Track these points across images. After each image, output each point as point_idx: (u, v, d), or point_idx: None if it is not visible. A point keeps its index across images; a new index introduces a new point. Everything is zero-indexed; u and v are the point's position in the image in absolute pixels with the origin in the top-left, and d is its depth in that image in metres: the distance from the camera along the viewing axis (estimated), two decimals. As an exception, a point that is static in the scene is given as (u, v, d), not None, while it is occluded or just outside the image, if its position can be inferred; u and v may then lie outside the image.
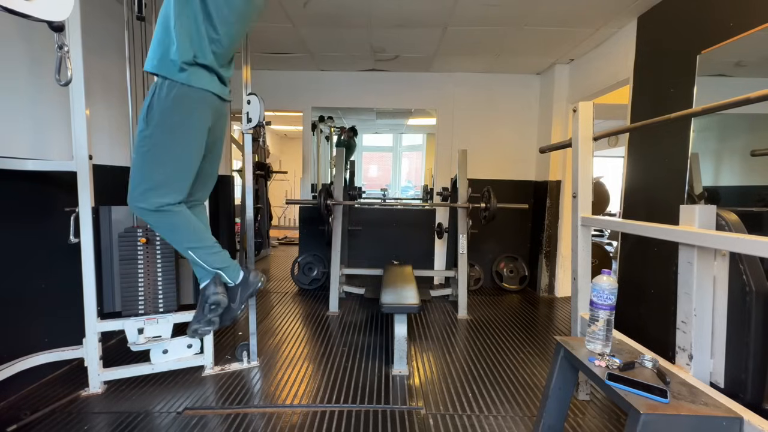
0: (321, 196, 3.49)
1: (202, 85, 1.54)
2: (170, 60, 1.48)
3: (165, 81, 1.50)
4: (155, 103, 1.49)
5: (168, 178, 1.52)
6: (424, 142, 9.31)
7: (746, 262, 1.34)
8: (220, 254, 1.65)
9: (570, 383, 1.60)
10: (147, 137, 1.50)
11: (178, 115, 1.51)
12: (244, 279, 1.71)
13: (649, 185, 2.73)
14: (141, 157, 1.51)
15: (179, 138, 1.52)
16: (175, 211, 1.53)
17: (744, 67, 2.25)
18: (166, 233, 1.60)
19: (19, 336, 2.14)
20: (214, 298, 1.62)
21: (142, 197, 1.50)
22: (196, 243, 1.59)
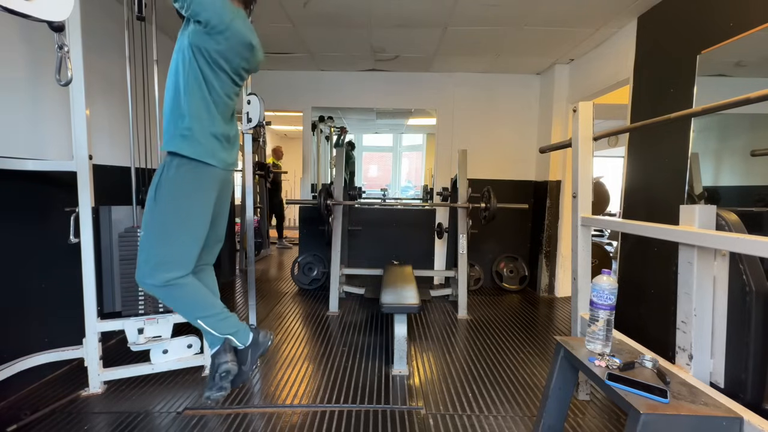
0: (321, 196, 3.49)
1: (210, 161, 1.57)
2: (180, 135, 1.52)
3: (173, 160, 1.52)
4: (164, 181, 1.51)
5: (176, 254, 1.53)
6: (424, 142, 9.31)
7: (746, 262, 1.34)
8: (229, 319, 1.64)
9: (570, 383, 1.60)
10: (155, 216, 1.52)
11: (187, 194, 1.54)
12: (254, 340, 1.70)
13: (649, 185, 2.73)
14: (149, 235, 1.53)
15: (187, 215, 1.54)
16: (182, 284, 1.54)
17: (744, 67, 2.25)
18: (175, 305, 1.61)
19: (19, 336, 2.14)
20: (225, 367, 1.63)
21: (150, 274, 1.51)
22: (204, 312, 1.59)
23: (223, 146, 1.62)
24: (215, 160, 1.58)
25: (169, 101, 1.55)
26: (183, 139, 1.52)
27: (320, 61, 4.29)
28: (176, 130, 1.52)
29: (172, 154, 1.54)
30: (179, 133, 1.52)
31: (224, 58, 1.53)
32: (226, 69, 1.56)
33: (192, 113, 1.52)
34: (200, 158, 1.54)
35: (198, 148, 1.53)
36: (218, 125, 1.59)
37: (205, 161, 1.55)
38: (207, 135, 1.55)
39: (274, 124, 8.12)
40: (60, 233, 2.13)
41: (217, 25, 1.46)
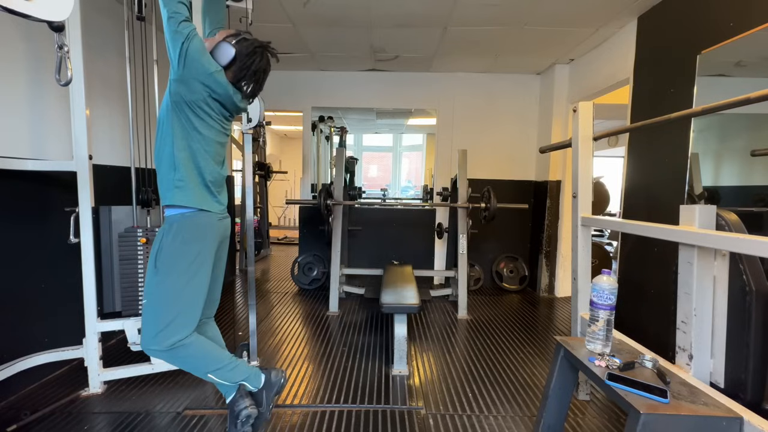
0: (321, 196, 3.49)
1: (205, 207, 1.58)
2: (175, 187, 1.53)
3: (172, 225, 1.53)
4: (164, 248, 1.51)
5: (179, 316, 1.53)
6: (424, 142, 9.30)
7: (746, 262, 1.34)
8: (239, 367, 1.64)
9: (570, 383, 1.60)
10: (158, 284, 1.52)
11: (188, 255, 1.54)
12: (267, 381, 1.70)
13: (649, 185, 2.73)
14: (152, 303, 1.52)
15: (189, 277, 1.54)
16: (188, 344, 1.54)
17: (744, 67, 2.25)
18: (183, 365, 1.61)
19: (19, 336, 2.14)
20: (245, 413, 1.62)
21: (155, 341, 1.51)
22: (213, 366, 1.59)
23: (213, 195, 1.64)
24: (209, 207, 1.60)
25: (161, 153, 1.55)
26: (178, 190, 1.53)
27: (320, 61, 4.29)
28: (170, 182, 1.54)
29: (169, 220, 1.55)
30: (173, 185, 1.53)
31: (205, 103, 1.53)
32: (211, 114, 1.56)
33: (184, 164, 1.53)
34: (196, 206, 1.55)
35: (192, 198, 1.55)
36: (209, 172, 1.60)
37: (202, 208, 1.57)
38: (199, 184, 1.57)
39: (274, 124, 8.12)
40: (60, 233, 2.13)
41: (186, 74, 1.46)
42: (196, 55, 1.46)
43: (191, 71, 1.46)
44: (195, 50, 1.45)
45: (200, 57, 1.47)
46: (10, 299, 2.09)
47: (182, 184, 1.53)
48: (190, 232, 1.54)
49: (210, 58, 1.52)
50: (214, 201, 1.63)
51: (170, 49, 1.45)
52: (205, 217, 1.58)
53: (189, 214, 1.55)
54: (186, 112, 1.51)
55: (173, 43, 1.44)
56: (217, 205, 1.64)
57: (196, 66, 1.46)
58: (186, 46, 1.43)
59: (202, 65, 1.47)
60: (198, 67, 1.46)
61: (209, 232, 1.60)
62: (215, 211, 1.63)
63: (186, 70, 1.45)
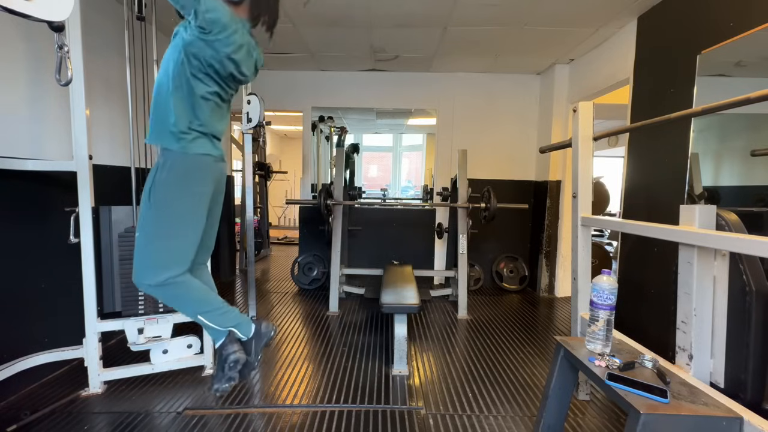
0: (321, 196, 3.49)
1: (201, 151, 1.56)
2: (168, 131, 1.51)
3: (167, 160, 1.52)
4: (158, 183, 1.51)
5: (172, 253, 1.53)
6: (424, 142, 9.29)
7: (746, 262, 1.34)
8: (230, 313, 1.66)
9: (570, 383, 1.60)
10: (150, 217, 1.52)
11: (181, 192, 1.53)
12: (257, 331, 1.72)
13: (649, 185, 2.73)
14: (145, 237, 1.53)
15: (182, 214, 1.54)
16: (180, 282, 1.55)
17: (744, 67, 2.25)
18: (174, 303, 1.61)
19: (19, 336, 2.14)
20: (233, 357, 1.63)
21: (146, 275, 1.51)
22: (204, 308, 1.60)
23: (212, 142, 1.62)
24: (206, 150, 1.58)
25: (158, 96, 1.53)
26: (171, 135, 1.51)
27: (320, 61, 4.29)
28: (164, 126, 1.51)
29: (164, 153, 1.53)
30: (167, 129, 1.51)
31: (219, 62, 1.51)
32: (220, 72, 1.54)
33: (179, 112, 1.50)
34: (191, 151, 1.53)
35: (186, 144, 1.52)
36: (206, 124, 1.57)
37: (197, 152, 1.54)
38: (194, 133, 1.55)
39: (274, 124, 8.12)
40: (60, 233, 2.13)
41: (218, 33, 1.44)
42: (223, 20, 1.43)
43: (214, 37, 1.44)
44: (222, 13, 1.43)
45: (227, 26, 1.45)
46: (10, 299, 2.09)
47: (175, 130, 1.51)
48: (184, 168, 1.53)
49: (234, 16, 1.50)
50: (211, 146, 1.61)
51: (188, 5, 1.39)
52: (199, 158, 1.56)
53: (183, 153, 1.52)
54: (195, 64, 1.49)
55: None
56: (213, 150, 1.62)
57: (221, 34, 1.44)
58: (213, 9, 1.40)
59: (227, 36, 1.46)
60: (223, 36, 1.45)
61: (205, 171, 1.58)
62: (212, 154, 1.60)
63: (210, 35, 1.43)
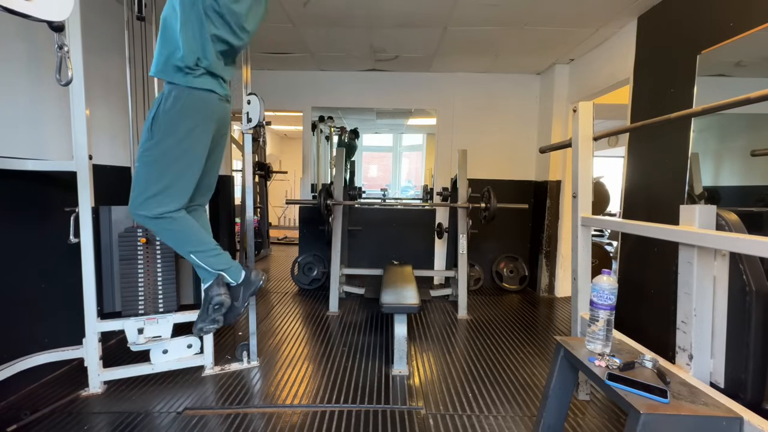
0: (321, 196, 3.49)
1: (206, 86, 1.56)
2: (174, 65, 1.50)
3: (171, 92, 1.51)
4: (161, 114, 1.51)
5: (169, 187, 1.54)
6: (424, 142, 9.29)
7: (746, 262, 1.34)
8: (222, 256, 1.68)
9: (570, 383, 1.60)
10: (151, 148, 1.52)
11: (183, 125, 1.53)
12: (246, 278, 1.74)
13: (649, 185, 2.73)
14: (144, 167, 1.53)
15: (183, 147, 1.54)
16: (175, 218, 1.56)
17: (744, 67, 2.25)
18: (167, 238, 1.63)
19: (19, 336, 2.14)
20: (217, 299, 1.66)
21: (143, 206, 1.52)
22: (197, 247, 1.61)
23: (219, 82, 1.61)
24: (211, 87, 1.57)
25: (165, 30, 1.51)
26: (177, 70, 1.50)
27: (320, 61, 4.29)
28: (170, 60, 1.50)
29: (169, 86, 1.52)
30: (173, 64, 1.50)
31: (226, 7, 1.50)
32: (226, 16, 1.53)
33: (187, 47, 1.49)
34: (196, 86, 1.52)
35: (192, 79, 1.52)
36: (214, 64, 1.56)
37: (203, 87, 1.54)
38: (201, 69, 1.53)
39: (274, 124, 8.11)
40: (60, 233, 2.13)
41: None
42: None
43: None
44: None
45: None
46: (10, 299, 2.09)
47: (182, 65, 1.49)
48: (188, 102, 1.52)
49: None
50: (217, 84, 1.60)
51: None
52: (205, 93, 1.56)
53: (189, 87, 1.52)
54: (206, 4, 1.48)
55: None
56: (219, 88, 1.61)
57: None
58: None
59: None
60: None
61: (208, 107, 1.58)
62: (217, 91, 1.60)
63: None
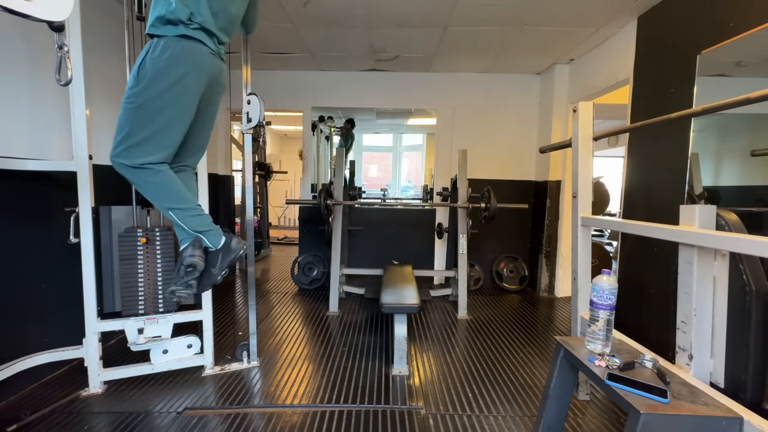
0: (321, 196, 3.49)
1: (198, 37, 1.52)
2: (167, 20, 1.47)
3: (160, 41, 1.47)
4: (148, 60, 1.46)
5: (153, 136, 1.48)
6: (424, 142, 9.30)
7: (746, 262, 1.34)
8: (201, 217, 1.60)
9: (570, 383, 1.60)
10: (136, 94, 1.46)
11: (172, 72, 1.48)
12: (226, 244, 1.66)
13: (649, 185, 2.73)
14: (127, 113, 1.47)
15: (169, 96, 1.48)
16: (156, 170, 1.50)
17: (744, 67, 2.25)
18: (146, 191, 1.55)
19: (19, 336, 2.14)
20: (189, 260, 1.58)
21: (124, 153, 1.46)
22: (177, 204, 1.55)
23: (211, 38, 1.57)
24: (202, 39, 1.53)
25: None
26: (167, 22, 1.47)
27: (320, 61, 4.29)
28: (161, 13, 1.47)
29: (158, 38, 1.49)
30: (163, 16, 1.47)
31: None
32: None
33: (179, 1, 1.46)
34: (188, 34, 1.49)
35: (182, 29, 1.48)
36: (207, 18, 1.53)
37: (192, 37, 1.50)
38: (195, 24, 1.50)
39: (274, 124, 8.12)
40: (60, 233, 2.13)
41: None
42: None
43: None
44: None
45: None
46: (10, 299, 2.09)
47: (173, 18, 1.46)
48: (176, 51, 1.48)
49: None
50: (210, 40, 1.57)
51: None
52: (194, 44, 1.52)
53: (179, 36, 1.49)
54: None
55: None
56: (212, 44, 1.58)
57: None
58: None
59: None
60: None
61: (198, 59, 1.54)
62: (208, 45, 1.56)
63: None
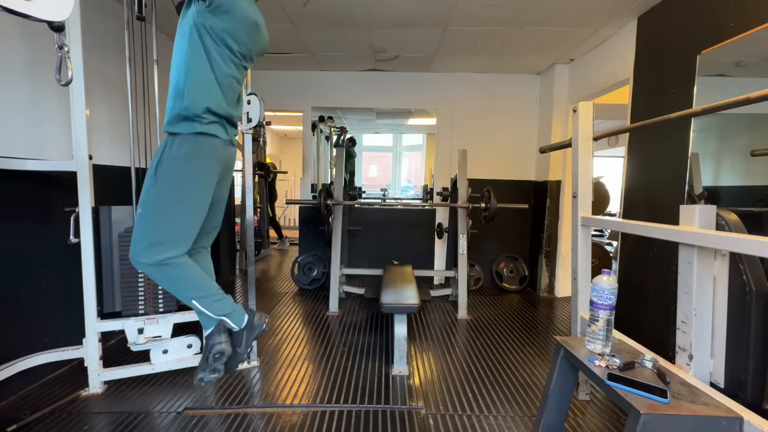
0: (321, 196, 3.49)
1: (212, 132, 1.55)
2: (183, 116, 1.50)
3: (176, 139, 1.50)
4: (165, 159, 1.48)
5: (172, 233, 1.50)
6: (424, 142, 9.30)
7: (746, 262, 1.34)
8: (224, 301, 1.62)
9: (570, 383, 1.60)
10: (154, 194, 1.49)
11: (188, 171, 1.51)
12: (249, 322, 1.67)
13: (649, 185, 2.73)
14: (146, 213, 1.49)
15: (187, 193, 1.51)
16: (177, 263, 1.51)
17: (744, 67, 2.25)
18: (168, 285, 1.57)
19: (19, 336, 2.14)
20: (218, 348, 1.59)
21: (144, 253, 1.47)
22: (199, 293, 1.56)
23: (225, 128, 1.60)
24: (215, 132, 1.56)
25: (172, 84, 1.53)
26: (182, 119, 1.49)
27: (320, 61, 4.29)
28: (175, 111, 1.50)
29: (171, 136, 1.51)
30: (177, 114, 1.49)
31: (231, 37, 1.51)
32: (233, 48, 1.54)
33: (192, 90, 1.49)
34: (202, 131, 1.51)
35: (197, 126, 1.51)
36: (220, 105, 1.56)
37: (207, 132, 1.53)
38: (207, 113, 1.52)
39: (274, 124, 8.12)
40: (60, 233, 2.13)
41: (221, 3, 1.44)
42: None
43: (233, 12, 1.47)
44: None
45: None
46: (10, 299, 2.09)
47: (188, 114, 1.49)
48: (192, 148, 1.51)
49: None
50: (223, 131, 1.60)
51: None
52: (209, 139, 1.54)
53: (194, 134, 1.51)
54: (207, 41, 1.48)
55: None
56: (223, 132, 1.60)
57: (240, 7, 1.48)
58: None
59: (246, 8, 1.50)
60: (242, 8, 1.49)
61: (212, 153, 1.56)
62: (221, 136, 1.59)
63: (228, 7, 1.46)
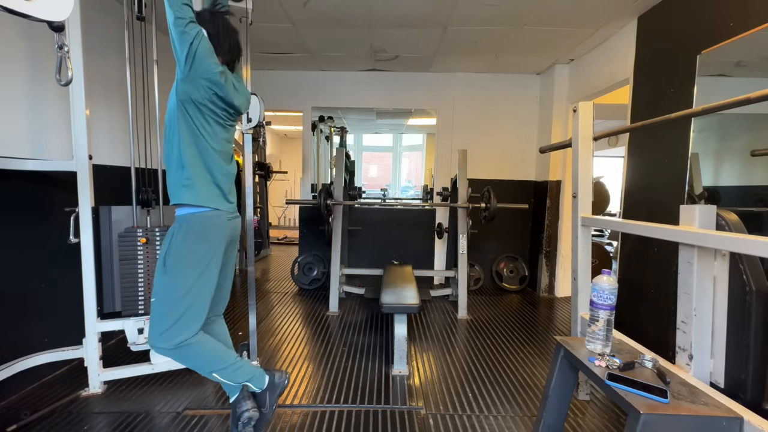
0: (321, 196, 3.49)
1: (214, 205, 1.60)
2: (183, 185, 1.56)
3: (181, 226, 1.55)
4: (173, 249, 1.54)
5: (185, 315, 1.55)
6: (424, 142, 9.30)
7: (746, 262, 1.34)
8: (243, 368, 1.66)
9: (570, 383, 1.60)
10: (164, 284, 1.54)
11: (195, 255, 1.56)
12: (270, 382, 1.72)
13: (649, 185, 2.73)
14: (159, 302, 1.55)
15: (196, 276, 1.56)
16: (194, 343, 1.56)
17: (744, 67, 2.25)
18: (188, 363, 1.62)
19: (19, 336, 2.14)
20: (247, 415, 1.64)
21: (160, 338, 1.53)
22: (219, 365, 1.61)
23: (222, 193, 1.66)
24: (219, 205, 1.62)
25: (169, 153, 1.59)
26: (186, 188, 1.56)
27: (320, 61, 4.29)
28: (178, 181, 1.57)
29: (178, 220, 1.58)
30: (181, 184, 1.56)
31: (211, 101, 1.57)
32: (217, 111, 1.60)
33: (191, 163, 1.56)
34: (204, 204, 1.57)
35: (201, 196, 1.57)
36: (217, 169, 1.62)
37: (210, 206, 1.59)
38: (208, 183, 1.60)
39: (274, 124, 8.11)
40: (60, 233, 2.13)
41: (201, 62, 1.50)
42: (204, 54, 1.51)
43: (198, 71, 1.50)
44: (202, 51, 1.50)
45: (207, 57, 1.52)
46: (10, 299, 2.09)
47: (190, 183, 1.56)
48: (199, 231, 1.57)
49: (216, 59, 1.57)
50: (224, 199, 1.65)
51: (177, 49, 1.49)
52: (214, 216, 1.60)
53: (199, 213, 1.57)
54: (192, 110, 1.55)
55: (181, 45, 1.47)
56: (226, 204, 1.66)
57: (204, 65, 1.51)
58: (195, 46, 1.48)
59: (210, 65, 1.52)
60: (205, 66, 1.51)
61: (218, 231, 1.62)
62: (225, 210, 1.64)
63: (194, 69, 1.50)
